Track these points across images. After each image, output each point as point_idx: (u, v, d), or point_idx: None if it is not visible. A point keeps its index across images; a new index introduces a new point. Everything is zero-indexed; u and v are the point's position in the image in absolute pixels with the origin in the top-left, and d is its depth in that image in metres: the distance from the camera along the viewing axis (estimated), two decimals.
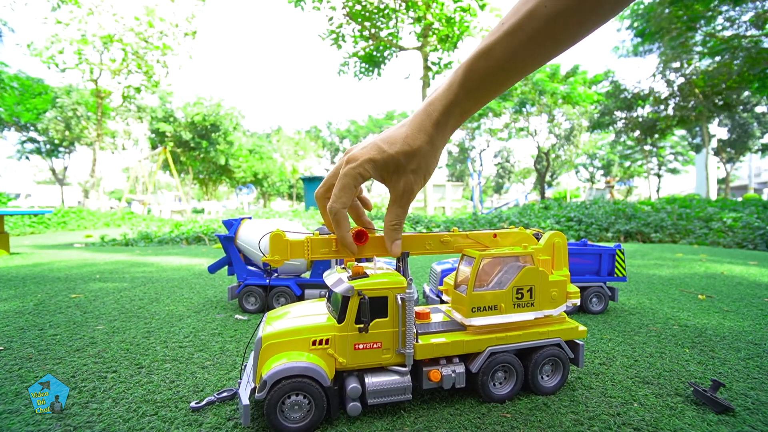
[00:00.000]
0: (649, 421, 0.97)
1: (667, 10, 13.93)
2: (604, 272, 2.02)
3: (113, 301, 2.24)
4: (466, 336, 1.06)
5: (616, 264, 2.03)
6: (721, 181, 27.22)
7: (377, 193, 31.38)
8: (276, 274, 2.09)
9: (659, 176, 30.15)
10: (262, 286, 2.02)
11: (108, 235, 6.88)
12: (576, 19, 0.61)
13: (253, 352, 1.01)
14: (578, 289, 1.10)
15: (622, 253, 2.02)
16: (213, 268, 2.21)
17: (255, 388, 0.94)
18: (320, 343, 0.96)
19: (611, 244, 2.06)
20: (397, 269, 1.05)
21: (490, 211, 11.98)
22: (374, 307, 0.97)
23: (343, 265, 1.17)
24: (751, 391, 1.13)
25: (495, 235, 1.10)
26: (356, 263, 1.06)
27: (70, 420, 0.96)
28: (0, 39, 14.17)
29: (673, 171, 30.26)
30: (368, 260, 1.11)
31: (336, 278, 1.03)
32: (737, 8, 12.96)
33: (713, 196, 19.10)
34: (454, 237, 1.08)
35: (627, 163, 30.34)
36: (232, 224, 2.12)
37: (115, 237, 6.47)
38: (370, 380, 0.97)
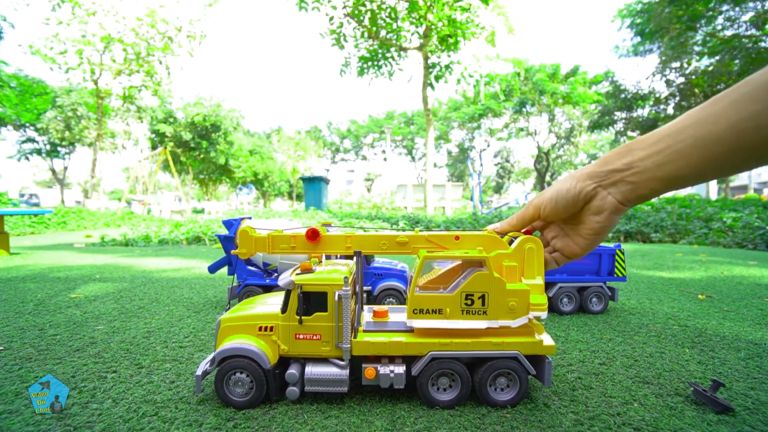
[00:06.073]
0: (649, 421, 0.97)
1: (667, 10, 13.94)
2: (604, 272, 2.02)
3: (113, 301, 2.24)
4: (407, 337, 1.05)
5: (616, 264, 2.03)
6: (720, 181, 27.20)
7: (377, 193, 31.39)
8: (276, 274, 2.09)
9: None
10: (262, 286, 2.02)
11: (108, 235, 6.88)
12: None
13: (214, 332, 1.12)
14: (546, 301, 0.98)
15: (622, 253, 2.02)
16: (213, 268, 2.21)
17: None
18: (265, 329, 1.06)
19: (611, 244, 2.06)
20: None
21: (489, 211, 11.98)
22: (314, 301, 1.04)
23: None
24: (751, 391, 1.14)
25: (457, 237, 1.05)
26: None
27: (70, 420, 0.96)
28: (1, 36, 14.12)
29: None
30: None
31: (287, 273, 1.10)
32: (737, 8, 12.97)
33: (713, 196, 19.09)
34: (411, 238, 1.05)
35: None
36: (232, 224, 2.12)
37: (115, 237, 6.47)
38: (309, 369, 1.04)
